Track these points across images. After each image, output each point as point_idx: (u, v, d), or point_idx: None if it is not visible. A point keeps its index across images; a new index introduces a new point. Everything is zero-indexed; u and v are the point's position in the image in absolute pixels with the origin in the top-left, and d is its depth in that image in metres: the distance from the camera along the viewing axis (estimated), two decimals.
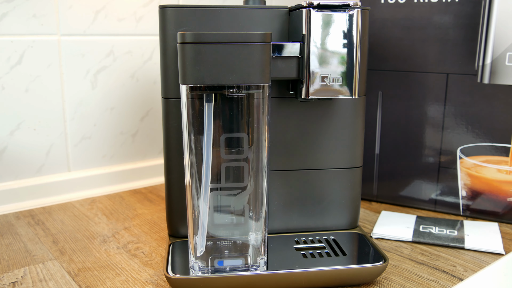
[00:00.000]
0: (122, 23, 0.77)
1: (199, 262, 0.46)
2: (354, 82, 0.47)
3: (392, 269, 0.51)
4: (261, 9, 0.50)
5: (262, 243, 0.47)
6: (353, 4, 0.45)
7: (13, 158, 0.70)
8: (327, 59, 0.46)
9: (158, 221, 0.65)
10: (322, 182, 0.55)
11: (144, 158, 0.83)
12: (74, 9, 0.72)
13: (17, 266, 0.52)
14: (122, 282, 0.49)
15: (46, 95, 0.72)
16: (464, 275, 0.50)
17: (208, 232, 0.47)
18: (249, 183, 0.46)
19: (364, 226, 0.63)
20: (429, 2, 0.64)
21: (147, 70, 0.81)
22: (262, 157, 0.45)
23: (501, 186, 0.63)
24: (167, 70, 0.50)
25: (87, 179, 0.77)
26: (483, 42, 0.61)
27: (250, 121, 0.45)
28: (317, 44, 0.46)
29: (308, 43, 0.46)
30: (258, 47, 0.41)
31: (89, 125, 0.77)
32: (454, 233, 0.59)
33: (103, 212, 0.69)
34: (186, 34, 0.40)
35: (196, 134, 0.44)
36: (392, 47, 0.67)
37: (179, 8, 0.48)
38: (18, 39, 0.68)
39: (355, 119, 0.54)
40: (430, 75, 0.66)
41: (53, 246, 0.57)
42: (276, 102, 0.52)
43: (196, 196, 0.45)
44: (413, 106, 0.67)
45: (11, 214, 0.68)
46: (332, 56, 0.46)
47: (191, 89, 0.43)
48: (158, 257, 0.54)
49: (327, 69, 0.46)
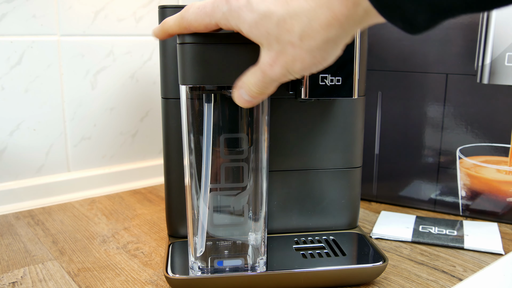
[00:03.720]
0: (122, 23, 0.77)
1: (198, 262, 0.46)
2: (353, 82, 0.47)
3: (392, 269, 0.51)
4: None
5: (261, 243, 0.47)
6: None
7: (13, 158, 0.70)
8: None
9: (157, 221, 0.65)
10: (322, 182, 0.55)
11: (143, 158, 0.84)
12: (74, 9, 0.72)
13: (16, 266, 0.52)
14: (121, 282, 0.49)
15: (46, 95, 0.72)
16: (463, 275, 0.50)
17: (208, 232, 0.47)
18: (249, 183, 0.47)
19: (363, 226, 0.63)
20: None
21: (146, 71, 0.81)
22: (262, 157, 0.45)
23: (500, 186, 0.63)
24: (167, 71, 0.50)
25: (87, 179, 0.77)
26: (483, 43, 0.61)
27: (250, 121, 0.45)
28: None
29: None
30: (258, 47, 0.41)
31: (89, 125, 0.77)
32: (454, 233, 0.59)
33: (102, 213, 0.69)
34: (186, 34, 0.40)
35: (196, 134, 0.44)
36: (391, 47, 0.67)
37: (179, 9, 0.48)
38: (18, 39, 0.68)
39: (354, 119, 0.54)
40: (430, 75, 0.66)
41: (52, 246, 0.57)
42: (275, 102, 0.52)
43: (195, 196, 0.45)
44: (413, 106, 0.67)
45: (11, 214, 0.68)
46: None
47: (191, 90, 0.43)
48: (158, 257, 0.54)
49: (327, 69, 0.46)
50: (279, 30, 0.32)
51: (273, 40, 0.33)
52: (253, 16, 0.33)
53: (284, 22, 0.32)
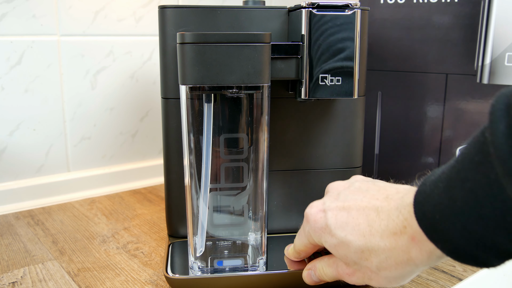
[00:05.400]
0: (121, 23, 0.77)
1: (198, 262, 0.46)
2: (353, 82, 0.47)
3: None
4: (261, 10, 0.50)
5: (261, 243, 0.47)
6: (353, 5, 0.45)
7: (13, 158, 0.70)
8: (326, 60, 0.46)
9: (157, 221, 0.65)
10: (322, 182, 0.55)
11: (143, 158, 0.83)
12: (74, 9, 0.72)
13: (16, 266, 0.52)
14: (121, 282, 0.49)
15: (46, 95, 0.72)
16: (463, 275, 0.50)
17: (208, 232, 0.47)
18: (249, 183, 0.47)
19: None
20: (428, 3, 0.64)
21: (146, 71, 0.81)
22: (262, 157, 0.45)
23: None
24: (167, 71, 0.50)
25: (87, 179, 0.77)
26: (483, 43, 0.61)
27: (250, 122, 0.45)
28: (317, 44, 0.46)
29: (307, 43, 0.46)
30: (258, 48, 0.41)
31: (89, 125, 0.77)
32: None
33: (102, 212, 0.69)
34: (186, 34, 0.40)
35: (196, 134, 0.44)
36: (391, 47, 0.67)
37: (179, 9, 0.48)
38: (17, 39, 0.68)
39: (354, 119, 0.54)
40: (430, 75, 0.66)
41: (52, 246, 0.57)
42: (275, 102, 0.52)
43: (195, 196, 0.45)
44: (413, 106, 0.67)
45: (11, 214, 0.68)
46: (331, 57, 0.46)
47: (191, 90, 0.43)
48: (158, 257, 0.54)
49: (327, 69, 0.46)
50: (357, 257, 0.35)
51: (352, 262, 0.36)
52: (333, 240, 0.36)
53: (362, 252, 0.34)
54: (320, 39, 0.46)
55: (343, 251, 0.36)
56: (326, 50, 0.46)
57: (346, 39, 0.46)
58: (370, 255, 0.34)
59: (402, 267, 0.33)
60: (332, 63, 0.46)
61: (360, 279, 0.36)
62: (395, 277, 0.34)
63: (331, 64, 0.46)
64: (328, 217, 0.37)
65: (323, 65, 0.46)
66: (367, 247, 0.34)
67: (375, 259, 0.34)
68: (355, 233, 0.35)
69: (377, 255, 0.34)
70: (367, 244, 0.34)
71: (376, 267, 0.34)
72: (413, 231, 0.32)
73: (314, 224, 0.38)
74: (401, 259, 0.33)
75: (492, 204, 0.27)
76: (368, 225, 0.34)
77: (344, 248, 0.36)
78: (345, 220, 0.36)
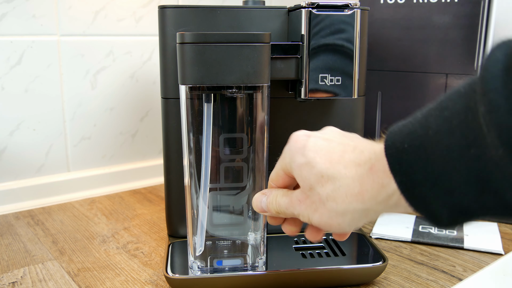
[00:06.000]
0: (121, 23, 0.77)
1: (198, 262, 0.46)
2: (353, 82, 0.47)
3: (392, 269, 0.51)
4: (261, 10, 0.50)
5: (261, 243, 0.47)
6: (352, 4, 0.46)
7: (13, 158, 0.71)
8: (326, 59, 0.46)
9: (157, 221, 0.65)
10: None
11: (143, 158, 0.84)
12: (74, 9, 0.72)
13: (16, 266, 0.52)
14: (121, 282, 0.49)
15: (46, 95, 0.72)
16: (463, 275, 0.50)
17: (207, 232, 0.47)
18: (248, 183, 0.47)
19: (363, 226, 0.63)
20: (428, 3, 0.64)
21: (146, 71, 0.81)
22: (262, 157, 0.45)
23: None
24: (167, 71, 0.50)
25: (87, 179, 0.77)
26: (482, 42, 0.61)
27: (250, 121, 0.45)
28: (316, 44, 0.46)
29: (307, 43, 0.46)
30: (258, 48, 0.41)
31: (89, 125, 0.77)
32: (454, 233, 0.59)
33: (102, 212, 0.69)
34: (186, 34, 0.40)
35: (196, 134, 0.44)
36: (391, 47, 0.67)
37: (179, 9, 0.48)
38: (17, 39, 0.68)
39: (354, 119, 0.54)
40: (430, 75, 0.66)
41: (52, 246, 0.57)
42: (275, 102, 0.52)
43: (195, 196, 0.45)
44: (413, 106, 0.67)
45: (11, 214, 0.68)
46: (331, 56, 0.46)
47: (191, 89, 0.43)
48: (158, 257, 0.54)
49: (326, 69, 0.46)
50: (315, 180, 0.35)
51: (308, 187, 0.35)
52: (302, 159, 0.36)
53: (321, 177, 0.34)
54: (320, 39, 0.46)
55: (306, 172, 0.35)
56: (326, 50, 0.46)
57: (345, 39, 0.46)
58: (327, 182, 0.34)
59: (349, 200, 0.33)
60: (332, 63, 0.46)
61: (307, 208, 0.36)
62: (338, 213, 0.34)
63: (331, 64, 0.46)
64: (309, 141, 0.36)
65: (322, 65, 0.46)
66: (328, 173, 0.34)
67: (329, 186, 0.33)
68: (324, 158, 0.34)
69: (333, 183, 0.33)
70: (329, 169, 0.34)
71: (326, 195, 0.34)
72: (376, 160, 0.31)
73: (294, 144, 0.37)
74: (351, 191, 0.32)
75: (463, 131, 0.26)
76: (340, 156, 0.34)
77: (308, 168, 0.35)
78: (323, 147, 0.35)
